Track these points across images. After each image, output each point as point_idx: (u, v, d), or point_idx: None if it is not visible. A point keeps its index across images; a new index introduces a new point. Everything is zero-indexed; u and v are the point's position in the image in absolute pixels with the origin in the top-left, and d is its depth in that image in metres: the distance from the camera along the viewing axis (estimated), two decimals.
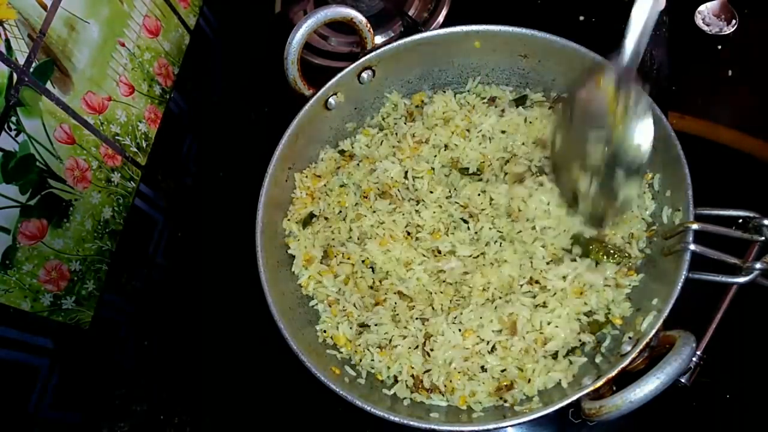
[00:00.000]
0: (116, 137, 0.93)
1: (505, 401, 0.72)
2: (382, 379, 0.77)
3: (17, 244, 0.75)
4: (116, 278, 0.93)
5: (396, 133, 0.90)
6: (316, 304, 0.83)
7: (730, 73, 0.97)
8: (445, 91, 0.92)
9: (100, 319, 0.90)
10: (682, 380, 0.63)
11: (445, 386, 0.73)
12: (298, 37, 0.80)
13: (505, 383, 0.72)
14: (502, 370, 0.73)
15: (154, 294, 1.00)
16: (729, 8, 1.01)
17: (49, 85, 0.79)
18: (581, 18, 1.07)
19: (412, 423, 0.67)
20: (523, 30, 0.82)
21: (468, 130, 0.87)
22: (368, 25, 0.84)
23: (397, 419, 0.67)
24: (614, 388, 0.63)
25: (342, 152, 0.92)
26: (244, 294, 0.81)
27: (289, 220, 0.87)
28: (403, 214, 0.83)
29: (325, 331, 0.80)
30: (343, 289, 0.82)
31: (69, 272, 0.84)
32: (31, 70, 0.76)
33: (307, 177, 0.89)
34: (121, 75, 0.93)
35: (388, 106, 0.93)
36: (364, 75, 0.88)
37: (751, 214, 0.66)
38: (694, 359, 0.63)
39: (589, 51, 0.79)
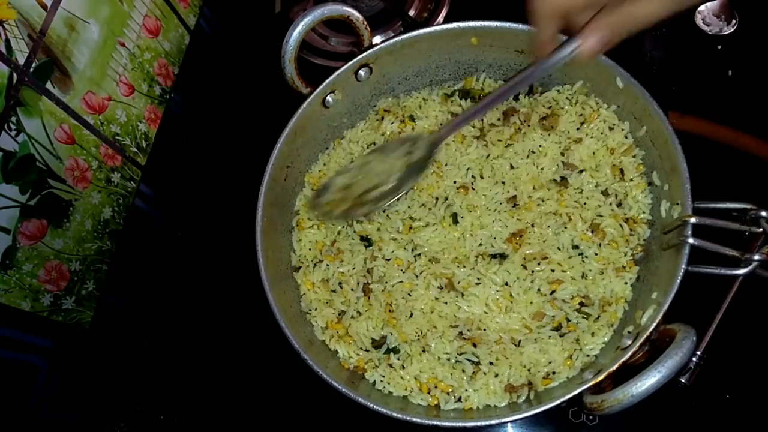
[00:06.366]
0: (116, 137, 0.93)
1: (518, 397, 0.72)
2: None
3: (17, 244, 0.75)
4: (116, 278, 0.93)
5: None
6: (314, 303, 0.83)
7: (730, 73, 0.97)
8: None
9: (100, 319, 0.90)
10: (682, 380, 0.63)
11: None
12: (295, 35, 0.80)
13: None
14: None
15: (154, 294, 1.00)
16: (729, 8, 1.01)
17: (49, 85, 0.79)
18: None
19: (412, 419, 0.68)
20: (519, 26, 0.82)
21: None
22: (365, 22, 0.84)
23: (399, 415, 0.68)
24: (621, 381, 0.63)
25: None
26: (245, 293, 0.81)
27: (295, 226, 0.88)
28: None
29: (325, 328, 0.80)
30: (342, 290, 0.82)
31: (69, 272, 0.84)
32: (31, 70, 0.76)
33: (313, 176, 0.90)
34: (121, 75, 0.93)
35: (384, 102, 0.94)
36: (362, 72, 0.88)
37: (749, 206, 0.67)
38: (694, 359, 0.63)
39: None
